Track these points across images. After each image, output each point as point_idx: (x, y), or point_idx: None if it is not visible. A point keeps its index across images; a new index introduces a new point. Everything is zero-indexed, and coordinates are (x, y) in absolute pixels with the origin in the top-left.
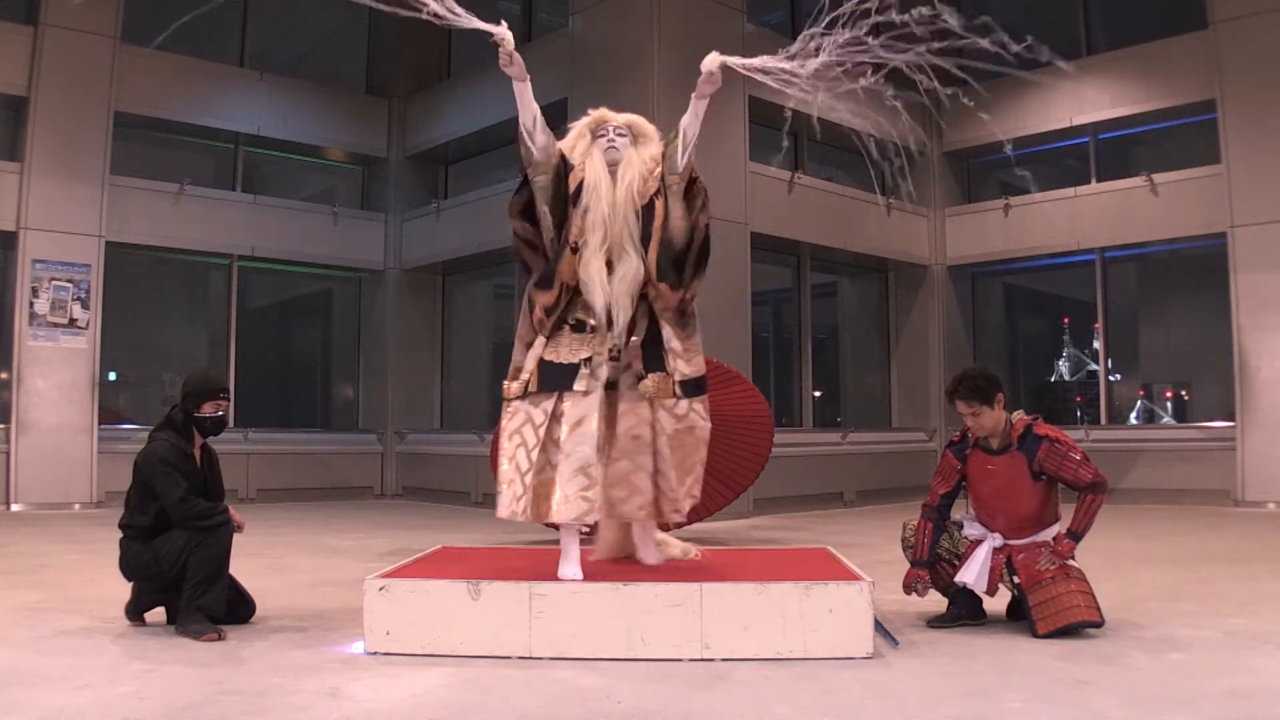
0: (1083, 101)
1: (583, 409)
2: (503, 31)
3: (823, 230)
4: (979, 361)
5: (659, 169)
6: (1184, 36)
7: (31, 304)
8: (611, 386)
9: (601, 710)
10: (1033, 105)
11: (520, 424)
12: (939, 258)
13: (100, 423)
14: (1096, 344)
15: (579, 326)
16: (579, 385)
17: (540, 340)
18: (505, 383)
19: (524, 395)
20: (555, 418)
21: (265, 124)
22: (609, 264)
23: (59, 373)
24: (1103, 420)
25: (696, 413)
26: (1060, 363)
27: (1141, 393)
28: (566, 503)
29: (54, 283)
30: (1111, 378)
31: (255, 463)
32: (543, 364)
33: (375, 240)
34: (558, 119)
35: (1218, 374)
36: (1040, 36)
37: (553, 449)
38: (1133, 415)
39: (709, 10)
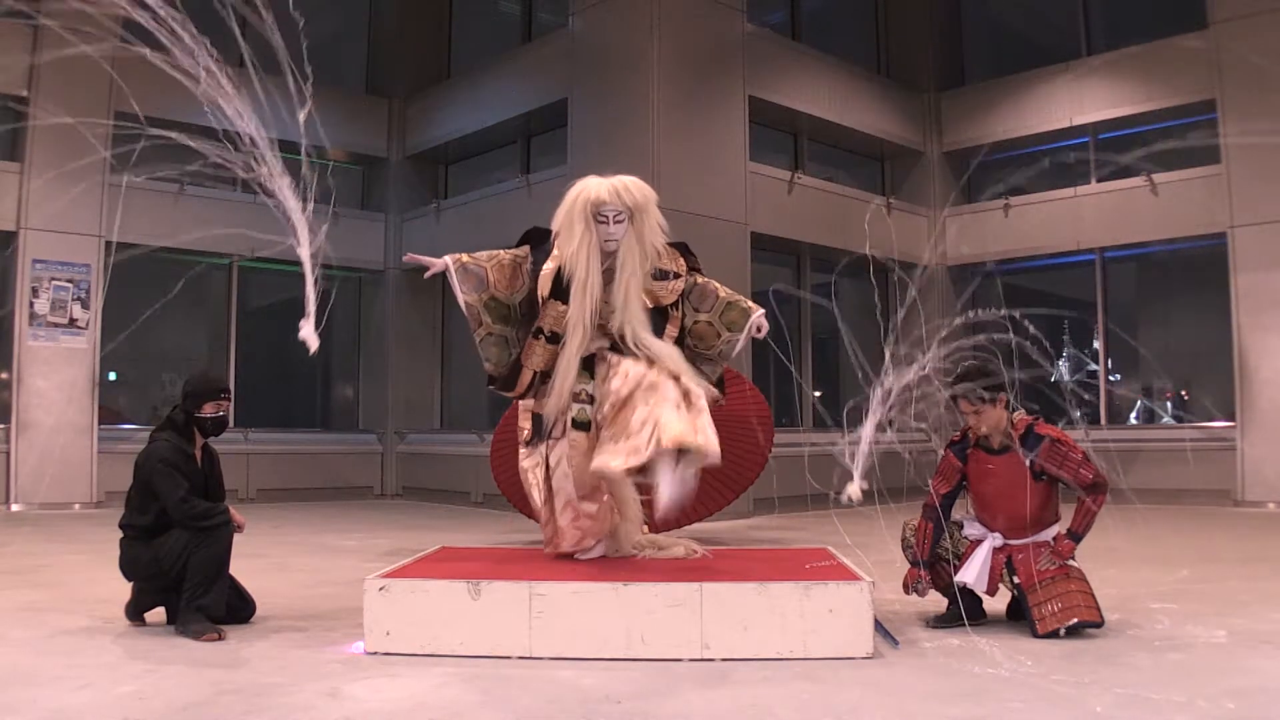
0: (1083, 101)
1: (561, 451)
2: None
3: (823, 230)
4: (978, 361)
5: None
6: (1184, 36)
7: (31, 304)
8: (583, 427)
9: (601, 710)
10: (1033, 105)
11: (532, 466)
12: (939, 258)
13: (100, 423)
14: (1096, 344)
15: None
16: (556, 433)
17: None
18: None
19: (529, 443)
20: (547, 463)
21: (265, 124)
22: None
23: (59, 373)
24: (1103, 420)
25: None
26: (1060, 363)
27: (1142, 392)
28: (561, 535)
29: (54, 283)
30: (1111, 378)
31: (255, 463)
32: (534, 417)
33: (375, 240)
34: (557, 119)
35: (1217, 374)
36: (1040, 36)
37: (550, 489)
38: (1133, 415)
39: (709, 10)
